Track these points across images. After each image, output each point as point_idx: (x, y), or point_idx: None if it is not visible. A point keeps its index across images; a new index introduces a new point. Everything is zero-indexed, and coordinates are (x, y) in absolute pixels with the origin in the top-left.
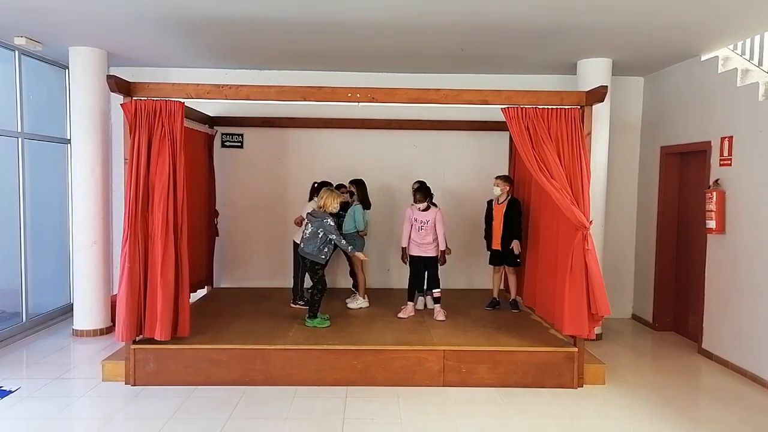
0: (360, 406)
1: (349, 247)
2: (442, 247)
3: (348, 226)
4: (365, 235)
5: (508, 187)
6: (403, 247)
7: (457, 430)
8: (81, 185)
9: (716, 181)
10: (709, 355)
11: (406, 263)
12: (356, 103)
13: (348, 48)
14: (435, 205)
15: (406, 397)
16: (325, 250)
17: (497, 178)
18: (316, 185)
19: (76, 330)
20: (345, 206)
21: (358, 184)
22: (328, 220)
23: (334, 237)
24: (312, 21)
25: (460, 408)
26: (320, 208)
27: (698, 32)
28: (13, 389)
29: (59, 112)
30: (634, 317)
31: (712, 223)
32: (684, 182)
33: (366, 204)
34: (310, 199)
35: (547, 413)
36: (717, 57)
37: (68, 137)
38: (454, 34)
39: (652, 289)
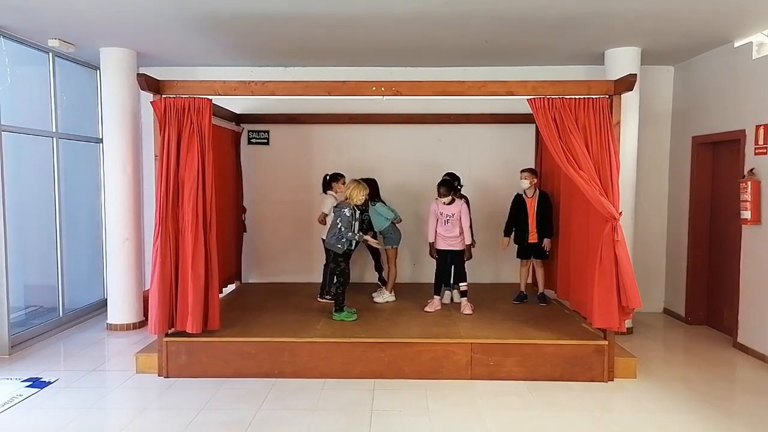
0: (388, 398)
1: (355, 238)
2: (467, 241)
3: (379, 223)
4: (400, 222)
5: (536, 180)
6: (430, 243)
7: (486, 422)
8: (113, 183)
9: (751, 170)
10: (745, 349)
11: (434, 257)
12: (380, 98)
13: (371, 42)
14: (463, 196)
15: (433, 390)
16: (343, 240)
17: (524, 171)
18: (327, 177)
19: (110, 324)
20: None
21: (371, 184)
22: (345, 210)
23: (341, 226)
24: (334, 15)
25: (488, 400)
26: (346, 199)
27: (731, 16)
28: (51, 380)
29: (91, 112)
30: (666, 311)
31: (747, 214)
32: (717, 172)
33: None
34: (323, 191)
35: (577, 406)
36: (751, 43)
37: (100, 136)
38: (478, 25)
39: (684, 282)
